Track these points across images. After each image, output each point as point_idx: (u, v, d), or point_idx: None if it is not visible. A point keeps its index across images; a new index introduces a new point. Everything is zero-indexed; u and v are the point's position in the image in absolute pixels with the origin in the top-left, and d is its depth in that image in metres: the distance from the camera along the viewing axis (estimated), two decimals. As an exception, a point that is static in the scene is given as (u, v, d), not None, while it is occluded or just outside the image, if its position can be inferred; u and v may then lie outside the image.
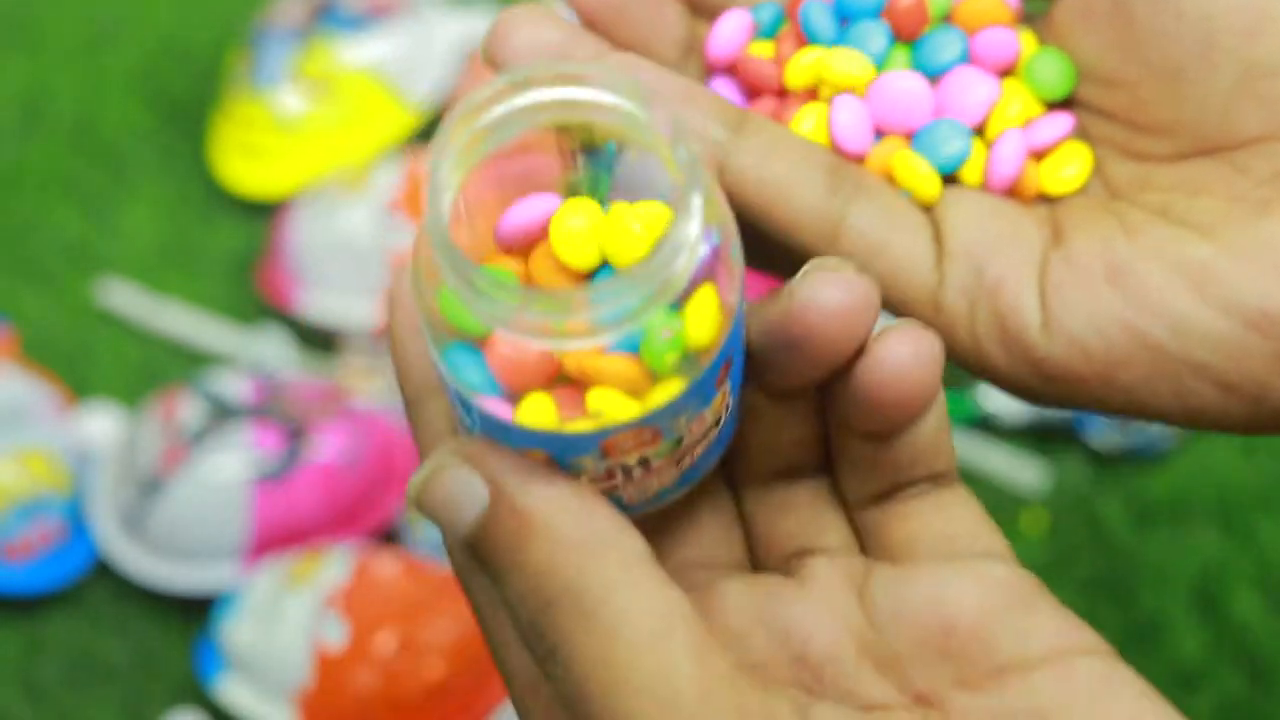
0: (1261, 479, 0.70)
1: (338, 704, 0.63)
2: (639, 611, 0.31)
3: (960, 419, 0.72)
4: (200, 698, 0.67)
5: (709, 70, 0.41)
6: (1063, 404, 0.37)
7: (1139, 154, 0.38)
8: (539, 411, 0.32)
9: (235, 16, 0.89)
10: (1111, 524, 0.69)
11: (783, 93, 0.40)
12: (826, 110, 0.39)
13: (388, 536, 0.70)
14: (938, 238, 0.37)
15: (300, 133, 0.81)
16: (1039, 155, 0.39)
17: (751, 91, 0.40)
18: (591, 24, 0.39)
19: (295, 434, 0.68)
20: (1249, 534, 0.69)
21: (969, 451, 0.71)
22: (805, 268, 0.34)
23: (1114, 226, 0.37)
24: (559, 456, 0.33)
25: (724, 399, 0.34)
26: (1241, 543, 0.68)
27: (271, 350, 0.75)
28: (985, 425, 0.72)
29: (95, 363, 0.77)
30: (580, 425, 0.32)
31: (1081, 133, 0.40)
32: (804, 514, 0.37)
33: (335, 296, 0.76)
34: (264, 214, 0.82)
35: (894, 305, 0.37)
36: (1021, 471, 0.70)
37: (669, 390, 0.32)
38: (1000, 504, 0.70)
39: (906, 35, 0.40)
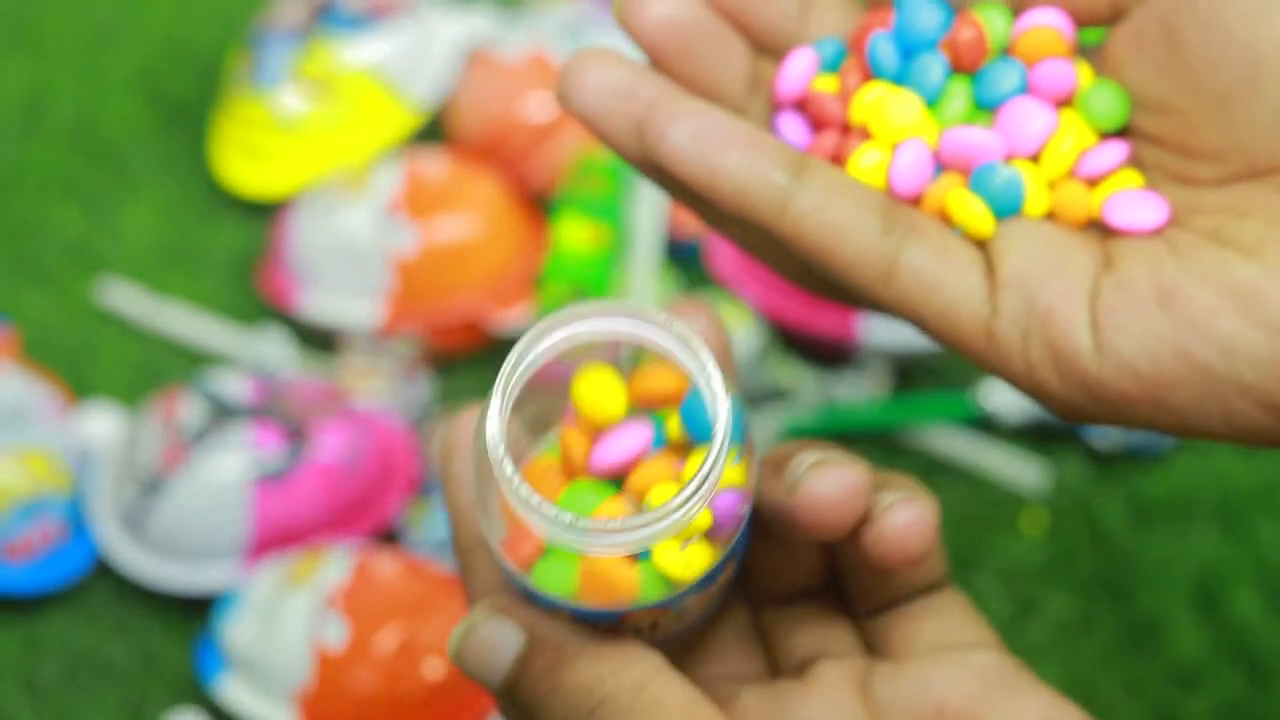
0: (1261, 479, 0.70)
1: (338, 704, 0.63)
2: (672, 698, 0.35)
3: (960, 419, 0.72)
4: (201, 697, 0.67)
5: (776, 105, 0.42)
6: (1115, 424, 0.38)
7: (1189, 179, 0.39)
8: (566, 586, 0.36)
9: (236, 17, 0.89)
10: (1111, 524, 0.69)
11: (847, 127, 0.41)
12: (887, 151, 0.40)
13: (388, 536, 0.70)
14: (990, 270, 0.39)
15: (301, 133, 0.81)
16: (1093, 182, 0.40)
17: (817, 125, 0.41)
18: (658, 62, 0.41)
19: (295, 434, 0.68)
20: (1249, 534, 0.69)
21: (969, 451, 0.71)
22: (805, 460, 0.38)
23: (1163, 250, 0.38)
24: (580, 618, 0.38)
25: (728, 575, 0.39)
26: (1241, 543, 0.68)
27: (272, 350, 0.75)
28: (985, 425, 0.72)
29: (96, 363, 0.77)
30: (604, 603, 0.37)
31: (1135, 159, 0.41)
32: (814, 626, 0.41)
33: (335, 297, 0.76)
34: (265, 214, 0.82)
35: (949, 340, 0.39)
36: (1021, 471, 0.70)
37: (684, 583, 0.36)
38: (1000, 504, 0.70)
39: (966, 67, 0.41)
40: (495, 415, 0.36)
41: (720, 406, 0.35)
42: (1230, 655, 0.65)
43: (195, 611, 0.69)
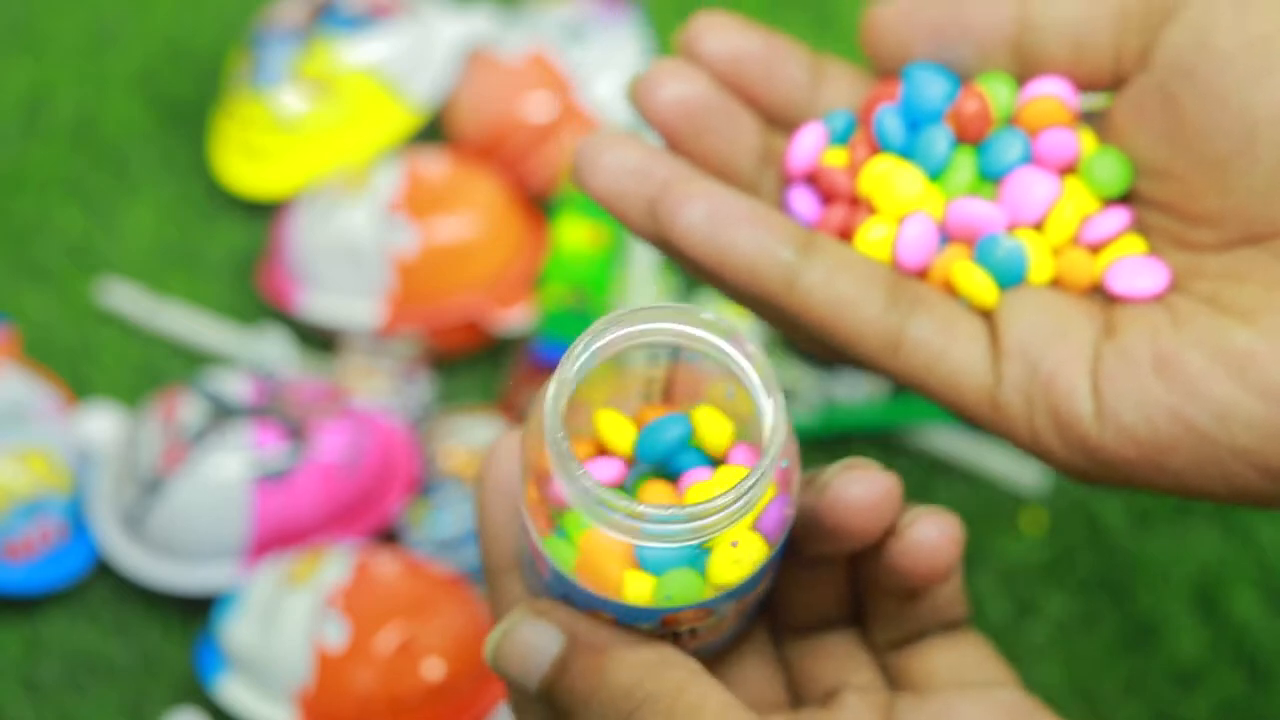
0: None
1: (338, 703, 0.63)
2: (712, 703, 0.35)
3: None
4: (201, 697, 0.67)
5: (787, 179, 0.43)
6: (1117, 485, 0.40)
7: (1190, 244, 0.40)
8: (610, 583, 0.37)
9: (236, 17, 0.89)
10: (1110, 524, 0.69)
11: (855, 200, 0.42)
12: (893, 225, 0.41)
13: (388, 536, 0.70)
14: (994, 339, 0.40)
15: (301, 133, 0.81)
16: (1096, 249, 0.41)
17: (827, 199, 0.42)
18: (671, 141, 0.42)
19: (295, 434, 0.68)
20: (1248, 534, 0.69)
21: (968, 452, 0.71)
22: (835, 467, 0.39)
23: (1163, 317, 0.39)
24: (622, 619, 0.38)
25: (764, 586, 0.39)
26: (1241, 543, 0.68)
27: (272, 350, 0.75)
28: (985, 425, 0.72)
29: (96, 362, 0.77)
30: (649, 601, 0.37)
31: (1139, 224, 0.42)
32: (838, 658, 0.41)
33: (335, 297, 0.76)
34: (265, 214, 0.82)
35: (954, 407, 0.40)
36: (1021, 471, 0.70)
37: (731, 583, 0.37)
38: (1000, 504, 0.70)
39: (972, 138, 0.43)
40: (554, 404, 0.36)
41: (773, 403, 0.36)
42: (1230, 655, 0.65)
43: (195, 611, 0.69)
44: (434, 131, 0.83)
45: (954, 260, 0.41)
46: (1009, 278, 0.41)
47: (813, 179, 0.43)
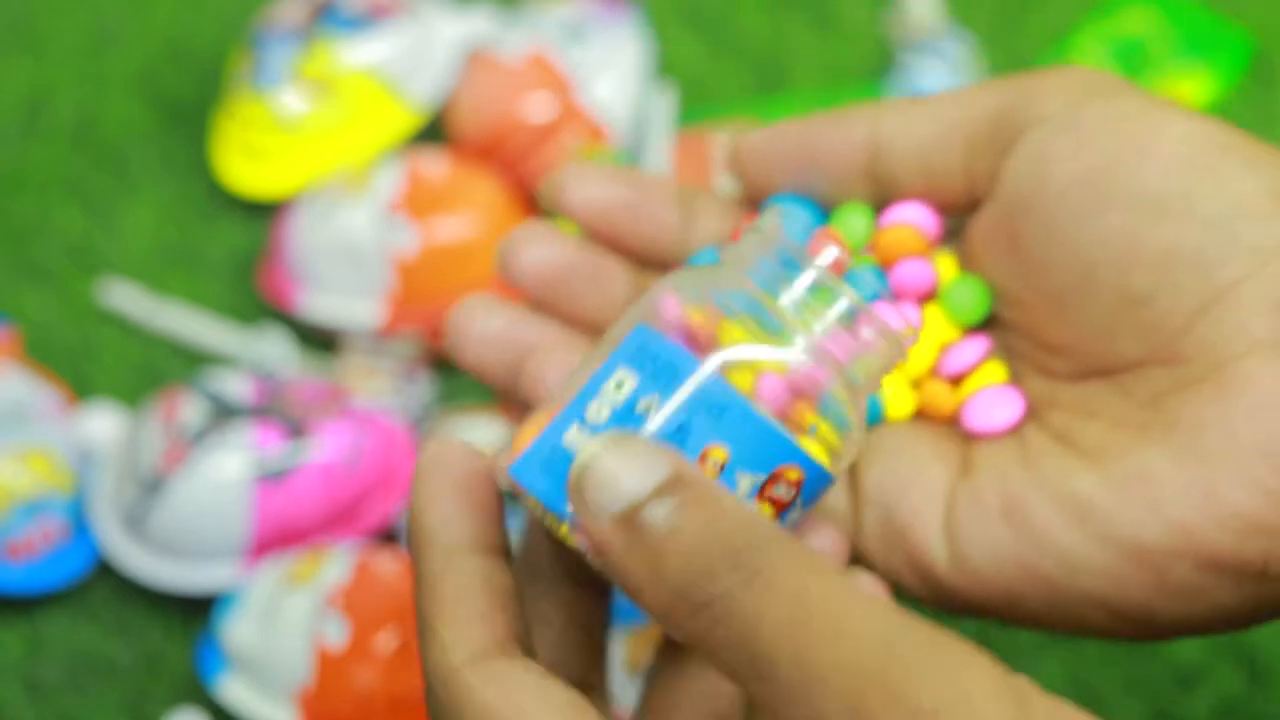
0: None
1: (338, 703, 0.63)
2: (832, 593, 0.31)
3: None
4: (202, 697, 0.67)
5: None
6: (976, 616, 0.40)
7: (1048, 370, 0.40)
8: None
9: (237, 18, 0.90)
10: (1110, 523, 0.69)
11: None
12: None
13: (388, 536, 0.70)
14: (853, 484, 0.41)
15: (301, 133, 0.81)
16: (956, 380, 0.41)
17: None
18: (541, 303, 0.43)
19: (296, 433, 0.68)
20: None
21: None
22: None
23: (1014, 457, 0.39)
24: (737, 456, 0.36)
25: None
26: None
27: (272, 350, 0.75)
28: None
29: (97, 362, 0.78)
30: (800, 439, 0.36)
31: (1004, 347, 0.42)
32: None
33: (336, 297, 0.76)
34: (266, 215, 0.82)
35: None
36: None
37: (854, 445, 0.37)
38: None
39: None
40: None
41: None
42: (1230, 655, 0.65)
43: (196, 611, 0.69)
44: (434, 132, 0.84)
45: (805, 414, 0.40)
46: (867, 420, 0.41)
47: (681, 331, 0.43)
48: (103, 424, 0.73)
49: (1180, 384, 0.37)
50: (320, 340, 0.78)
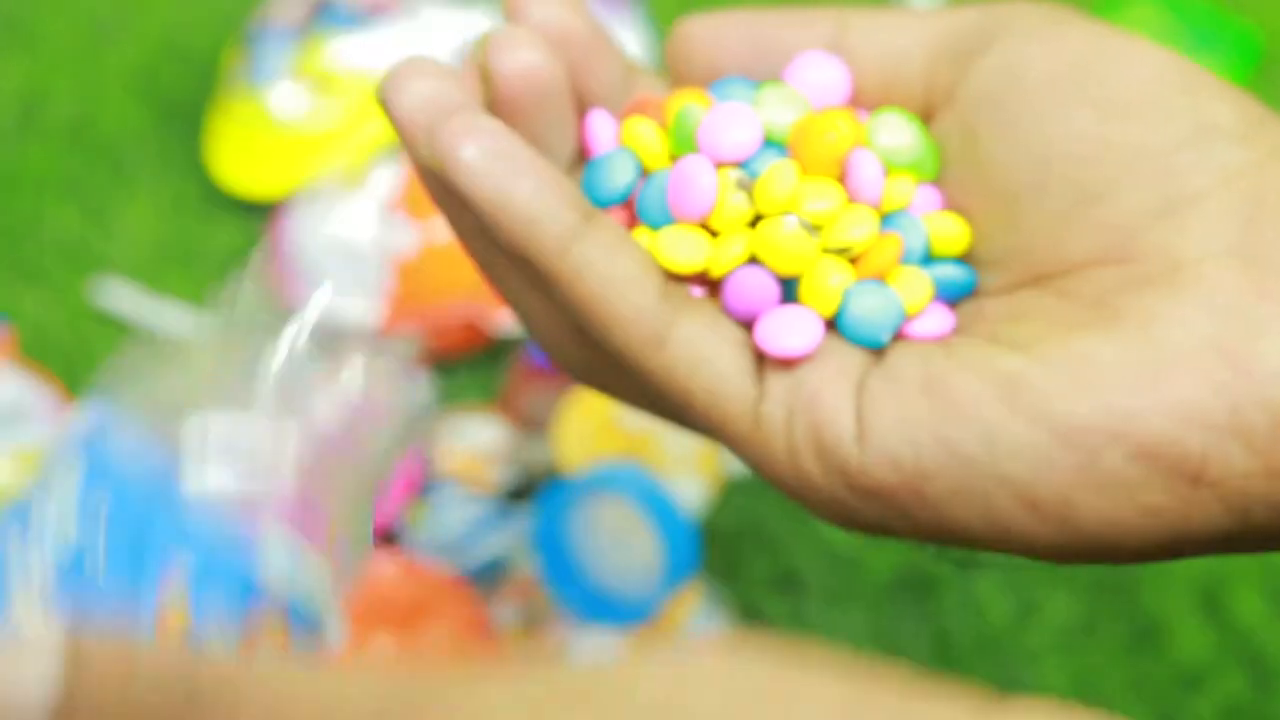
0: None
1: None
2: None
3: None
4: None
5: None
6: (877, 525, 0.37)
7: (978, 289, 0.39)
8: None
9: (234, 15, 0.90)
10: (1114, 525, 0.70)
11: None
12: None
13: (386, 537, 0.70)
14: (759, 363, 0.38)
15: (298, 132, 0.81)
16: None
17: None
18: (507, 109, 0.40)
19: None
20: (1252, 535, 0.69)
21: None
22: None
23: (936, 347, 0.37)
24: None
25: None
26: (1245, 543, 0.69)
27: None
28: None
29: (93, 362, 0.77)
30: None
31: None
32: None
33: (335, 297, 0.76)
34: (262, 213, 0.82)
35: (713, 419, 0.38)
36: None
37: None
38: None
39: None
40: None
41: None
42: (1234, 657, 0.66)
43: None
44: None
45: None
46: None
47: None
48: (99, 424, 0.73)
49: (1131, 283, 0.36)
50: (319, 340, 0.77)
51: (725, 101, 0.39)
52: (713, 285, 0.39)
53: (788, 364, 0.38)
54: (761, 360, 0.38)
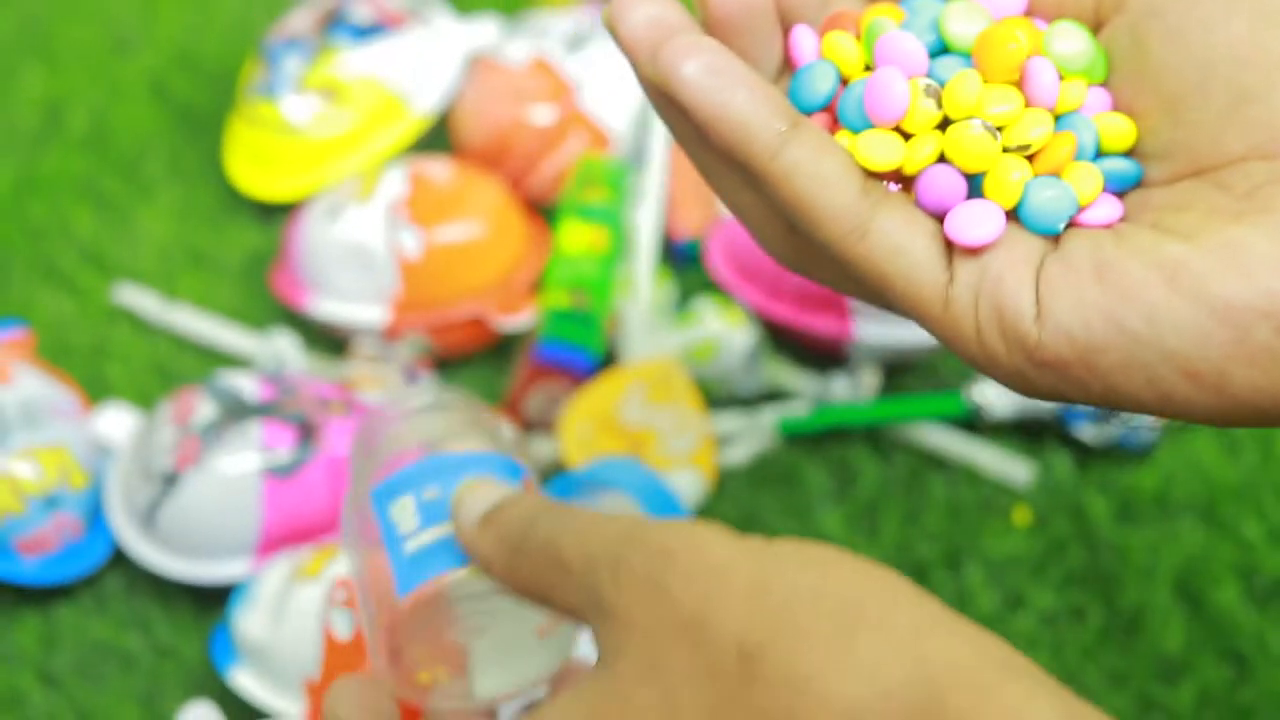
0: (1243, 473, 0.71)
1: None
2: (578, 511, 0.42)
3: (950, 417, 0.72)
4: (214, 688, 0.67)
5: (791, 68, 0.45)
6: (1053, 393, 0.41)
7: (1143, 180, 0.42)
8: None
9: (247, 26, 0.90)
10: (1096, 518, 0.70)
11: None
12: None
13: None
14: (950, 242, 0.42)
15: (311, 139, 0.82)
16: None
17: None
18: (715, 27, 0.44)
19: (306, 430, 0.69)
20: (1231, 527, 0.69)
21: (959, 448, 0.72)
22: None
23: (1106, 235, 0.41)
24: None
25: None
26: (1224, 536, 0.69)
27: (282, 351, 0.76)
28: (973, 423, 0.73)
29: (111, 363, 0.78)
30: None
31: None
32: None
33: (343, 298, 0.76)
34: (277, 219, 0.82)
35: (908, 301, 0.42)
36: (1010, 467, 0.71)
37: None
38: (989, 499, 0.71)
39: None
40: None
41: None
42: (1214, 647, 0.66)
43: (208, 605, 0.70)
44: (439, 136, 0.84)
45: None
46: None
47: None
48: (117, 423, 0.73)
49: (1278, 176, 0.39)
50: (329, 341, 0.78)
51: (915, 15, 0.43)
52: (907, 182, 0.42)
53: (974, 252, 0.41)
54: (951, 248, 0.42)
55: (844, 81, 0.43)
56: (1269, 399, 0.39)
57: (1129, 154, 0.42)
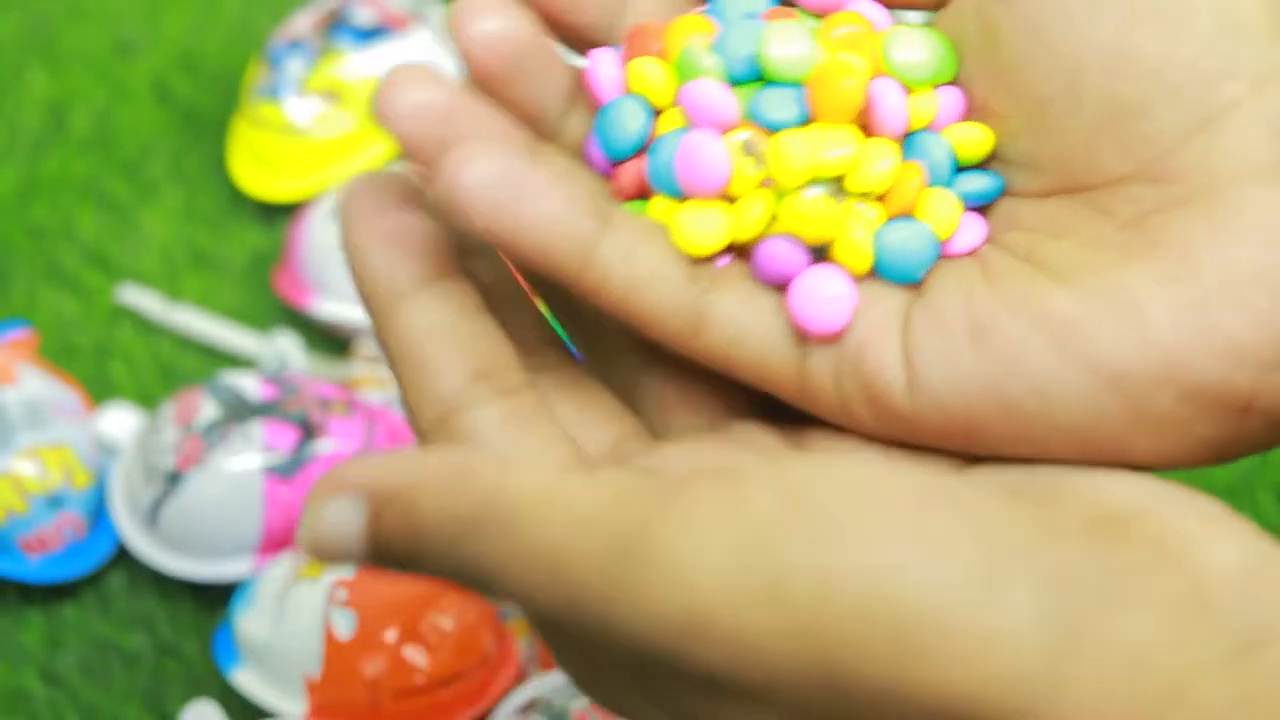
0: (1238, 474, 0.71)
1: (348, 693, 0.64)
2: (527, 493, 0.31)
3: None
4: (219, 688, 0.67)
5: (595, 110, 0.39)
6: (945, 451, 0.36)
7: (1008, 189, 0.37)
8: None
9: (250, 28, 0.90)
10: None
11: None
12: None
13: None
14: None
15: (314, 141, 0.82)
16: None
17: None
18: (482, 82, 0.37)
19: (309, 430, 0.69)
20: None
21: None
22: None
23: (976, 274, 0.36)
24: None
25: None
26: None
27: (285, 351, 0.76)
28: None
29: (114, 364, 0.78)
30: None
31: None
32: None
33: (348, 300, 0.76)
34: (280, 220, 0.82)
35: (764, 385, 0.37)
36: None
37: None
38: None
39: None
40: None
41: None
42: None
43: (211, 604, 0.70)
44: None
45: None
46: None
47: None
48: (120, 423, 0.73)
49: (1167, 203, 0.34)
50: (332, 342, 0.78)
51: (729, 34, 0.37)
52: (741, 249, 0.37)
53: None
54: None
55: (657, 113, 0.37)
56: (1172, 461, 0.35)
57: (990, 158, 0.37)
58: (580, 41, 0.39)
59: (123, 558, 0.71)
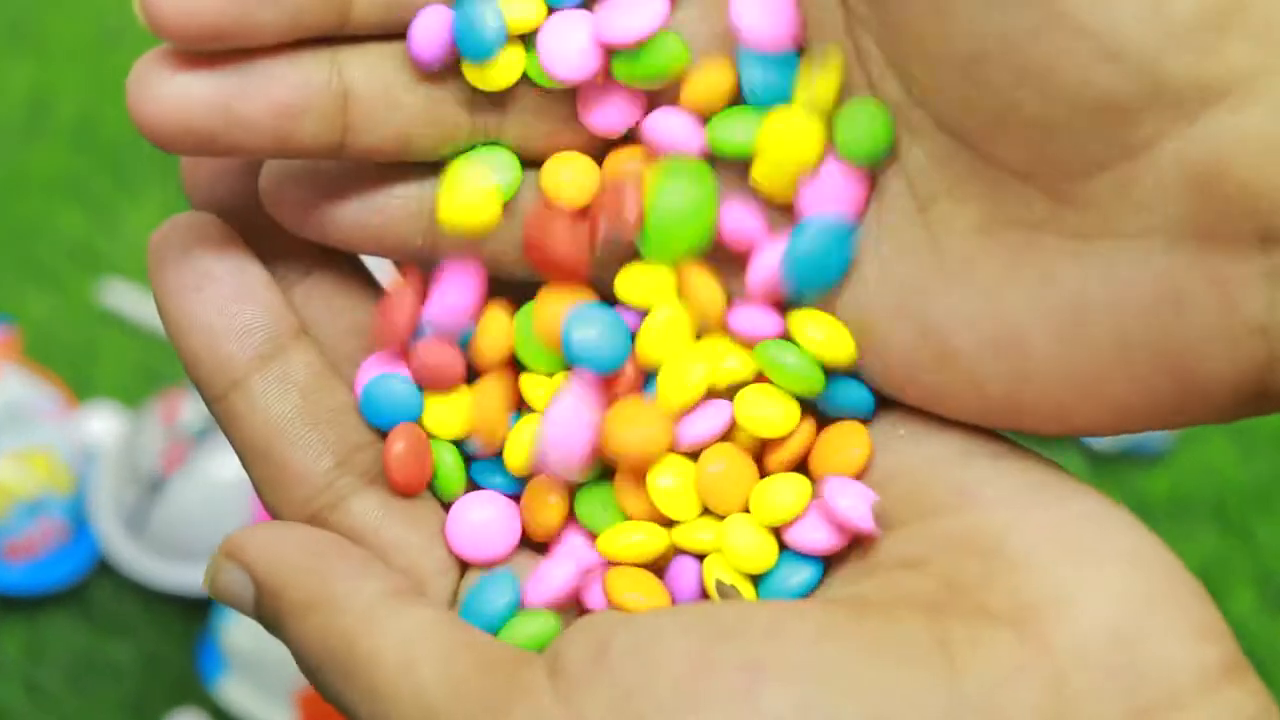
0: (1259, 479, 0.71)
1: (338, 703, 0.63)
2: (384, 650, 0.30)
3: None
4: (202, 698, 0.67)
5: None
6: None
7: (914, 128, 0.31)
8: None
9: (237, 18, 0.90)
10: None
11: None
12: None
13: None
14: None
15: None
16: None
17: None
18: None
19: None
20: (1246, 533, 0.69)
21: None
22: None
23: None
24: None
25: None
26: (1239, 542, 0.69)
27: None
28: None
29: (97, 363, 0.78)
30: None
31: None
32: None
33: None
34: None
35: None
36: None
37: None
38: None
39: None
40: None
41: None
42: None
43: (195, 612, 0.69)
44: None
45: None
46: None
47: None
48: (103, 424, 0.73)
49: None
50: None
51: None
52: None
53: None
54: None
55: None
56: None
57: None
58: None
59: (106, 564, 0.71)
